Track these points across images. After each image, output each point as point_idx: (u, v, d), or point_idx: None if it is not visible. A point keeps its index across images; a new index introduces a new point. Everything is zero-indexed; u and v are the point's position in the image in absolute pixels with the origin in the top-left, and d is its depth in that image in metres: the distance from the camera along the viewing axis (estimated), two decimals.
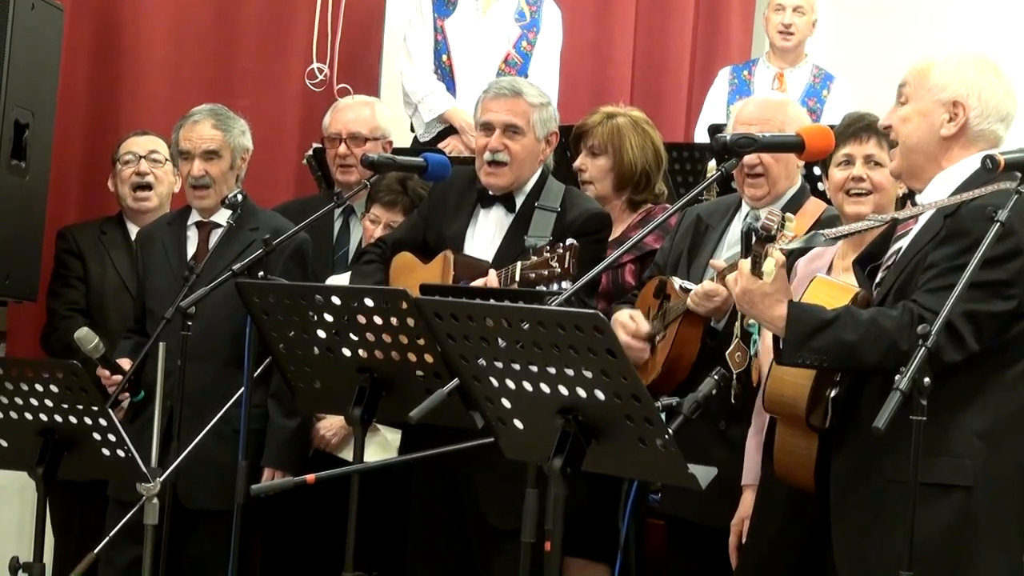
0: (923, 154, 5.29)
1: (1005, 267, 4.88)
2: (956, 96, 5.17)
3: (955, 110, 5.17)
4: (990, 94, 5.18)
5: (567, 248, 6.24)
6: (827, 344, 4.97)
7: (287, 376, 6.25)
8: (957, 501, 4.95)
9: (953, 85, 5.19)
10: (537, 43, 9.30)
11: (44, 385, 6.32)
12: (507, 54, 9.22)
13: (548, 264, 6.24)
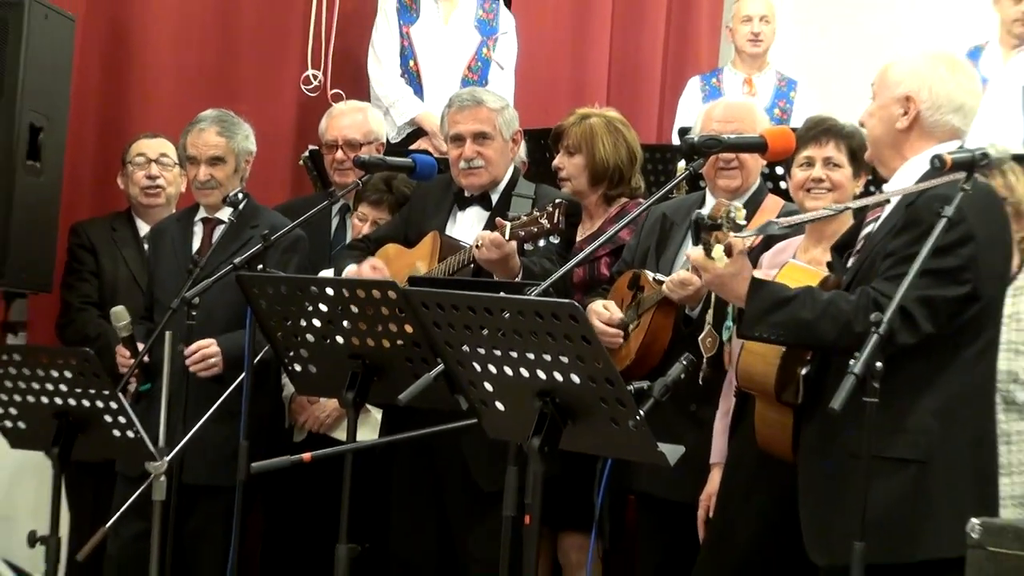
0: (885, 146, 5.38)
1: (958, 253, 4.93)
2: (908, 91, 5.25)
3: (907, 104, 5.23)
4: (941, 87, 5.23)
5: (556, 206, 6.27)
6: (785, 320, 5.05)
7: (284, 362, 6.28)
8: (912, 474, 5.00)
9: (906, 81, 5.27)
10: (496, 49, 9.35)
11: (59, 371, 6.40)
12: (470, 60, 9.25)
13: (538, 222, 6.28)
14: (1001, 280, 5.26)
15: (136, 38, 8.95)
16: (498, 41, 9.37)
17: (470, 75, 9.19)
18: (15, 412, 6.60)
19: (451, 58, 9.27)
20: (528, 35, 10.18)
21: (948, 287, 4.94)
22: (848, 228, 5.61)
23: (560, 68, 10.24)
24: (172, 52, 9.03)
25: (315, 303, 6.05)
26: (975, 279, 5.01)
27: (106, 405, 6.38)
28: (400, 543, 6.98)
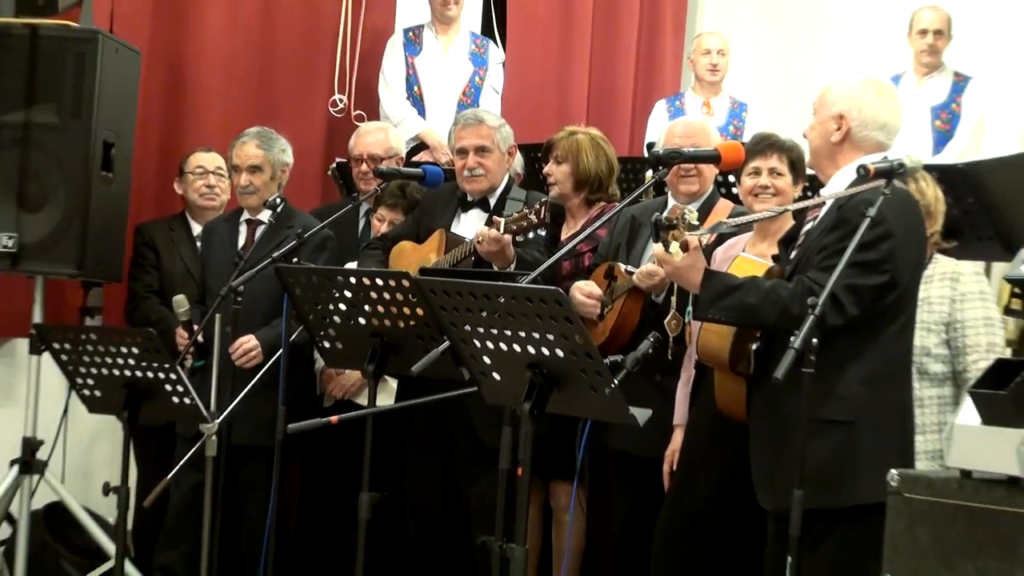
0: (822, 156, 5.46)
1: (879, 248, 5.00)
2: (841, 110, 5.33)
3: (840, 121, 5.31)
4: (869, 108, 5.32)
5: (542, 204, 6.40)
6: (733, 304, 5.14)
7: (315, 340, 6.36)
8: (842, 433, 5.08)
9: (840, 102, 5.35)
10: (486, 78, 9.37)
11: (128, 348, 6.44)
12: (465, 86, 9.25)
13: (527, 217, 6.38)
14: (916, 270, 5.34)
15: (190, 68, 8.95)
16: (490, 71, 9.39)
17: (465, 99, 9.21)
18: (92, 382, 6.65)
19: (449, 84, 9.27)
20: (521, 65, 10.20)
21: (871, 276, 5.02)
22: (791, 226, 5.67)
23: (547, 92, 10.24)
24: (220, 79, 9.03)
25: (341, 290, 6.13)
26: (894, 269, 5.09)
27: (167, 376, 6.43)
28: (414, 491, 7.02)
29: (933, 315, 5.78)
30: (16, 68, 7.52)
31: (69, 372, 6.73)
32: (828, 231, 5.15)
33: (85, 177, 7.48)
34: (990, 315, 5.86)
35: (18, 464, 7.58)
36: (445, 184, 7.27)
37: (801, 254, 5.32)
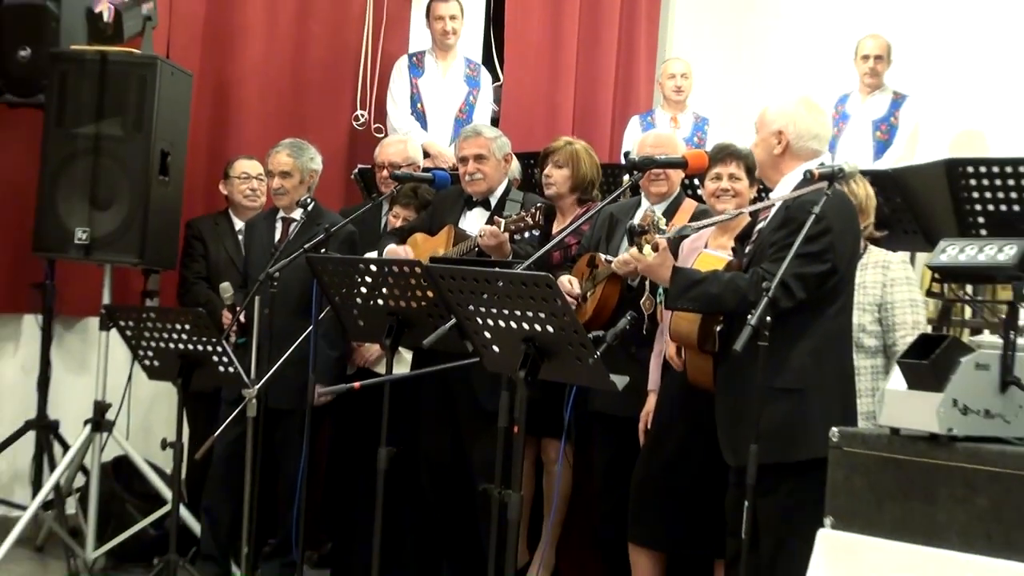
0: (767, 166, 5.49)
1: (821, 241, 5.03)
2: (779, 127, 5.35)
3: (780, 136, 5.34)
4: (802, 123, 5.35)
5: (538, 208, 6.49)
6: (698, 295, 5.18)
7: (341, 317, 6.37)
8: (793, 399, 5.10)
9: (777, 120, 5.38)
10: (478, 97, 9.34)
11: (181, 325, 6.50)
12: (461, 104, 9.23)
13: (524, 219, 6.45)
14: (852, 259, 5.37)
15: (233, 88, 8.94)
16: (482, 91, 9.37)
17: (461, 115, 9.19)
18: (151, 354, 6.68)
19: (447, 103, 9.24)
20: (516, 84, 10.18)
21: (815, 265, 5.05)
22: (746, 224, 5.68)
23: (538, 108, 10.21)
24: (259, 97, 9.02)
25: (362, 276, 6.16)
26: (834, 259, 5.12)
27: (214, 349, 6.48)
28: (426, 447, 7.00)
29: (867, 297, 5.79)
30: (89, 88, 7.53)
31: (132, 345, 6.79)
32: (777, 228, 5.18)
33: (145, 180, 7.49)
34: (915, 298, 5.87)
35: (90, 423, 7.60)
36: (453, 186, 7.28)
37: (755, 249, 5.34)
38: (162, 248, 7.67)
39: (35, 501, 7.59)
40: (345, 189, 8.97)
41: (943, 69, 9.61)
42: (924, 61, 9.54)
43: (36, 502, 7.58)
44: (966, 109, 9.55)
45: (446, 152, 8.79)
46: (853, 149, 8.99)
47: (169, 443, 6.81)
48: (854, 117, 9.18)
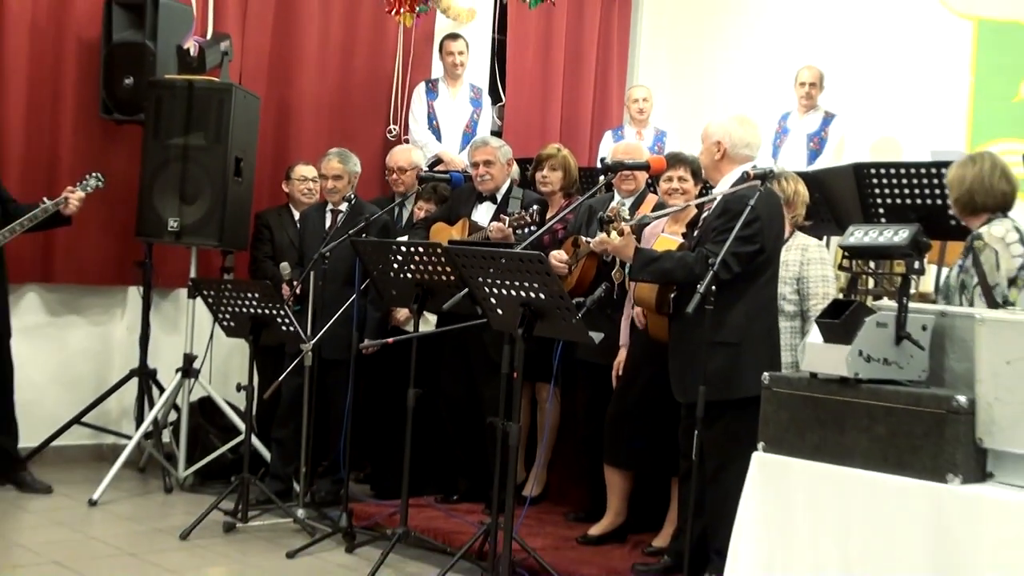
0: (711, 169, 5.53)
1: (752, 227, 5.08)
2: (718, 138, 5.39)
3: (719, 146, 5.37)
4: (737, 134, 5.40)
5: (536, 210, 6.55)
6: (654, 269, 5.26)
7: (378, 288, 6.39)
8: (731, 350, 5.15)
9: (716, 133, 5.42)
10: (481, 115, 9.28)
11: (252, 294, 6.55)
12: (467, 123, 9.19)
13: (524, 217, 6.48)
14: (777, 241, 5.40)
15: (292, 107, 8.92)
16: (484, 110, 9.33)
17: (467, 129, 9.14)
18: (228, 317, 6.72)
19: (456, 120, 9.19)
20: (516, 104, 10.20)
21: (747, 246, 5.10)
22: (694, 215, 5.68)
23: (532, 123, 10.22)
24: (312, 115, 9.00)
25: (394, 255, 6.16)
26: (762, 241, 5.17)
27: (278, 313, 6.52)
28: (446, 389, 7.02)
29: (789, 272, 5.79)
30: (179, 108, 7.56)
31: (213, 310, 6.82)
32: (718, 216, 5.21)
33: (223, 181, 7.51)
34: (826, 274, 5.88)
35: (181, 371, 7.62)
36: (466, 184, 7.26)
37: (700, 233, 5.37)
38: (236, 234, 7.70)
39: (138, 432, 7.60)
40: (380, 186, 8.92)
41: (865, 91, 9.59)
42: (850, 85, 9.52)
43: (139, 433, 7.59)
44: (883, 122, 9.53)
45: (456, 159, 8.76)
46: (791, 157, 8.97)
47: (242, 386, 6.86)
48: (793, 131, 9.15)
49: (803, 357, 4.27)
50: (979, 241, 5.14)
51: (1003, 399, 3.75)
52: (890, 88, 9.64)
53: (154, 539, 6.39)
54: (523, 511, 6.28)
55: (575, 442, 6.89)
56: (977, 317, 3.89)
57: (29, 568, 5.75)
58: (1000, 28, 9.32)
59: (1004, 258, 5.06)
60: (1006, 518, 3.67)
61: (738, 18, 10.71)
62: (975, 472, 3.81)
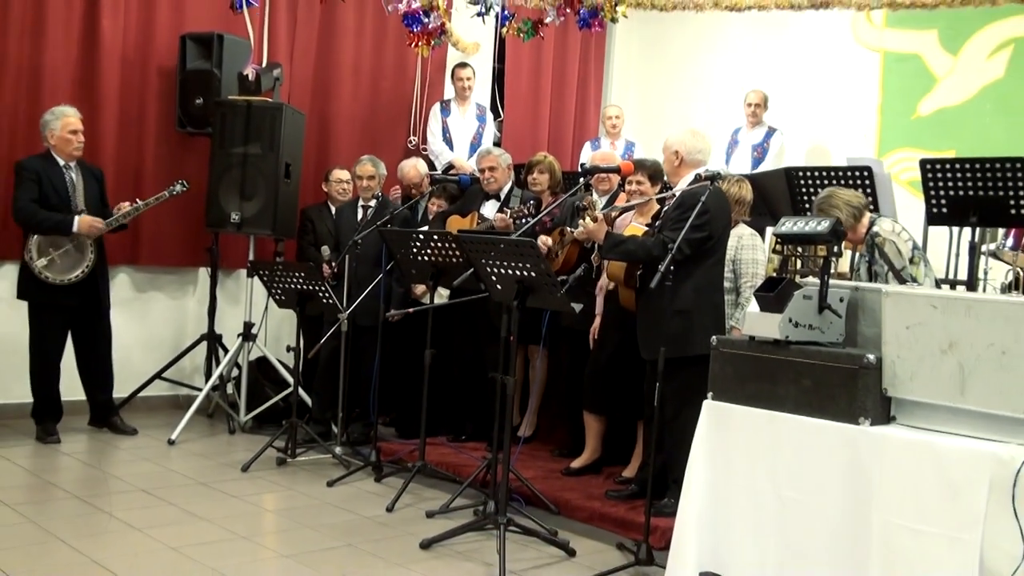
0: (671, 174, 5.50)
1: (702, 218, 5.06)
2: (676, 148, 5.39)
3: (677, 155, 5.37)
4: (690, 143, 5.39)
5: (531, 205, 6.57)
6: (621, 250, 5.27)
7: (401, 268, 6.36)
8: (685, 317, 5.13)
9: (675, 144, 5.40)
10: (485, 129, 9.23)
11: (298, 273, 6.53)
12: (473, 135, 9.15)
13: (523, 209, 6.46)
14: (724, 230, 5.39)
15: (331, 122, 8.91)
16: (488, 125, 9.28)
17: (474, 140, 9.10)
18: (280, 291, 6.71)
19: (465, 133, 9.15)
20: (513, 119, 10.16)
21: (698, 233, 5.09)
22: (656, 209, 5.67)
23: (525, 135, 10.18)
24: (346, 128, 8.99)
25: (414, 242, 6.14)
26: (711, 230, 5.17)
27: (319, 289, 6.50)
28: (456, 349, 7.02)
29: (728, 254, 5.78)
30: (239, 123, 7.56)
31: (267, 286, 6.80)
32: (675, 209, 5.20)
33: (275, 182, 7.49)
34: (756, 257, 5.84)
35: (242, 336, 7.62)
36: (476, 185, 7.23)
37: (661, 224, 5.33)
38: (286, 225, 7.66)
39: (207, 385, 7.61)
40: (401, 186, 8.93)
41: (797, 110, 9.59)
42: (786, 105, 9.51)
43: (207, 386, 7.60)
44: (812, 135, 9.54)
45: (466, 164, 8.74)
46: (739, 164, 8.94)
47: (291, 348, 6.88)
48: (741, 143, 9.12)
49: (743, 323, 4.28)
50: (879, 238, 5.18)
51: (904, 357, 3.77)
52: (816, 107, 9.65)
53: (220, 471, 6.40)
54: (518, 448, 6.31)
55: (559, 393, 6.91)
56: (883, 291, 3.90)
57: (122, 494, 5.76)
58: (901, 58, 9.33)
59: (900, 244, 5.12)
60: (904, 452, 3.69)
61: (694, 50, 10.67)
62: (881, 416, 3.83)
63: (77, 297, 6.84)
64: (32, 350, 6.91)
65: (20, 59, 7.37)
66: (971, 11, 8.04)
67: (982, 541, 3.46)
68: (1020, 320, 3.48)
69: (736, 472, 4.17)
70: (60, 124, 6.76)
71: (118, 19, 7.78)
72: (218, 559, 4.73)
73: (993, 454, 3.49)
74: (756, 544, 4.08)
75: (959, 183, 5.87)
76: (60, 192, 6.77)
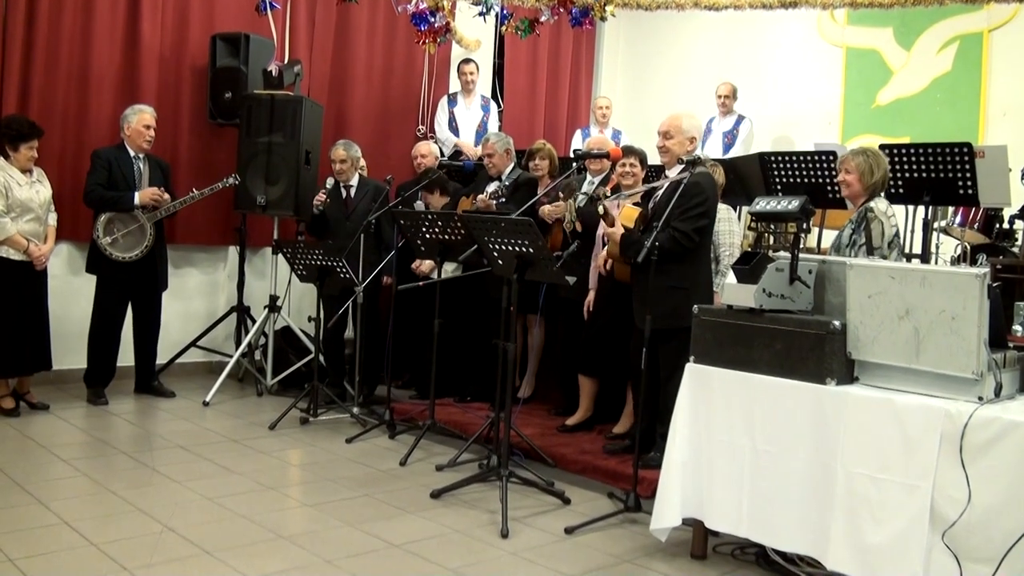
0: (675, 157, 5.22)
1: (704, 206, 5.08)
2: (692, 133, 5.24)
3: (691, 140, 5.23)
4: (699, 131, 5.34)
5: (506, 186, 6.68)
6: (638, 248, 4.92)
7: (413, 245, 6.27)
8: (681, 293, 5.05)
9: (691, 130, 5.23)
10: (489, 120, 9.20)
11: (319, 251, 6.47)
12: (479, 124, 9.11)
13: (498, 191, 6.59)
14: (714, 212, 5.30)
15: (346, 113, 8.87)
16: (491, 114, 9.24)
17: (479, 128, 9.07)
18: (301, 267, 6.68)
19: (470, 122, 9.12)
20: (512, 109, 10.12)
21: (703, 220, 5.09)
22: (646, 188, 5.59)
23: (523, 124, 10.15)
24: (361, 118, 8.95)
25: (424, 222, 6.10)
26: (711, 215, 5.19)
27: (337, 264, 6.45)
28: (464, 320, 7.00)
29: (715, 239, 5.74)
30: (264, 115, 7.51)
31: (290, 262, 6.78)
32: (680, 197, 5.00)
33: (296, 168, 7.46)
34: (732, 229, 5.77)
35: (267, 308, 7.61)
36: (483, 170, 7.19)
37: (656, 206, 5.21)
38: (306, 206, 7.57)
39: (237, 352, 7.61)
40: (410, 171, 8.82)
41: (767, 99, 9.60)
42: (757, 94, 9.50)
43: (237, 352, 7.60)
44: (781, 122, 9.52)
45: (472, 149, 8.72)
46: (711, 149, 8.95)
47: (312, 318, 6.86)
48: (714, 131, 9.12)
49: (724, 292, 4.28)
50: (871, 213, 5.00)
51: (866, 323, 3.78)
52: (784, 97, 9.64)
53: (250, 429, 6.42)
54: (518, 408, 6.32)
55: (555, 357, 6.90)
56: (848, 264, 3.91)
57: (163, 451, 5.78)
58: (862, 53, 9.34)
59: (886, 227, 5.03)
60: (866, 408, 3.71)
61: (675, 45, 10.65)
62: (846, 376, 3.84)
63: (136, 274, 6.90)
64: (94, 318, 6.97)
65: (71, 61, 7.37)
66: (922, 10, 8.09)
67: (933, 489, 3.49)
68: (968, 289, 3.49)
69: (715, 428, 4.19)
70: (136, 119, 6.90)
71: (156, 22, 7.76)
72: (249, 507, 4.76)
73: (944, 410, 3.51)
74: (733, 492, 4.11)
75: (913, 166, 5.89)
76: (128, 179, 6.87)
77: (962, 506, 3.41)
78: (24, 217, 6.31)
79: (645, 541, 4.53)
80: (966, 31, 8.69)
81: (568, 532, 4.66)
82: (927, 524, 3.48)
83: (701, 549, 4.39)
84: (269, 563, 4.06)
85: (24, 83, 7.13)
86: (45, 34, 7.20)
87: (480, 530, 4.64)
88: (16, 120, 6.40)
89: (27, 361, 6.44)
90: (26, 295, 6.37)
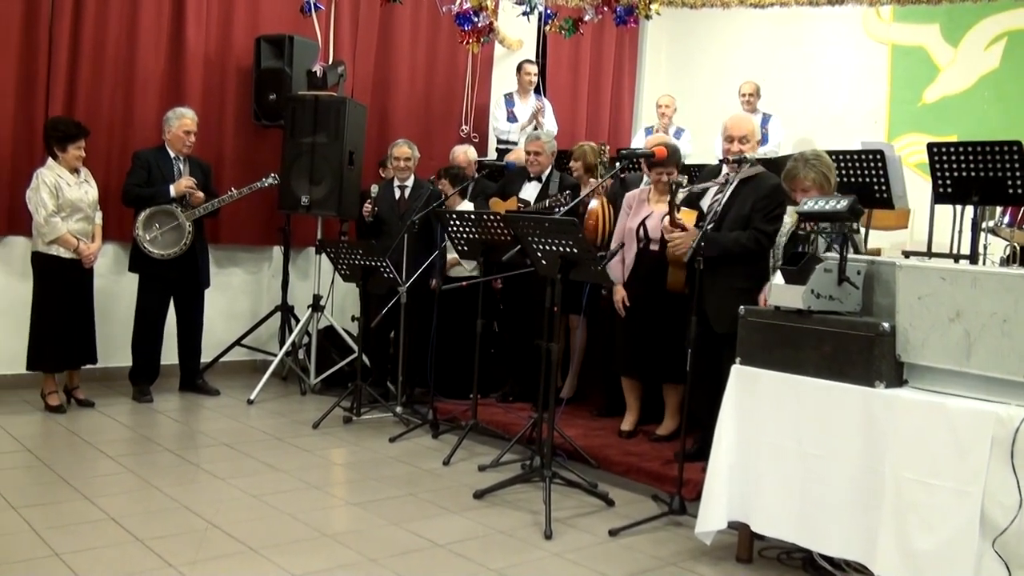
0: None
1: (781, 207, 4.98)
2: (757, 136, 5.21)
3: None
4: None
5: (568, 194, 6.53)
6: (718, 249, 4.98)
7: (454, 244, 6.24)
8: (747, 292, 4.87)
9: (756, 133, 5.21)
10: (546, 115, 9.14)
11: (360, 250, 6.49)
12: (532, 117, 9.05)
13: (560, 198, 6.45)
14: None
15: (389, 114, 8.90)
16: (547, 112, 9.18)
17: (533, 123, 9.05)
18: (344, 267, 6.70)
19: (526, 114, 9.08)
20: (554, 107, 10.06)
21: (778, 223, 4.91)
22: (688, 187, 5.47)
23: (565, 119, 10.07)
24: (404, 118, 8.97)
25: (468, 221, 6.07)
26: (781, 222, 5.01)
27: (381, 264, 6.45)
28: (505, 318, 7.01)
29: None
30: (308, 116, 7.53)
31: (334, 262, 6.80)
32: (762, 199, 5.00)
33: (340, 168, 7.46)
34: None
35: (311, 307, 7.63)
36: (519, 168, 7.18)
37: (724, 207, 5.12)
38: (350, 207, 7.61)
39: (281, 351, 7.65)
40: None
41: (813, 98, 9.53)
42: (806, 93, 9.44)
43: (282, 351, 7.64)
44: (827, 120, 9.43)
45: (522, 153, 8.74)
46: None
47: (355, 318, 6.88)
48: None
49: (771, 294, 4.23)
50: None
51: (916, 325, 3.72)
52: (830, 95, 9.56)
53: (293, 428, 6.45)
54: (560, 408, 6.30)
55: (598, 358, 6.86)
56: (897, 265, 3.85)
57: (208, 448, 5.82)
58: (908, 51, 9.23)
59: None
60: (916, 412, 3.65)
61: (719, 43, 10.59)
62: (895, 379, 3.78)
63: (177, 271, 6.96)
64: (137, 316, 7.05)
65: (116, 63, 7.45)
66: (969, 6, 7.99)
67: (983, 494, 3.43)
68: (1019, 291, 3.43)
69: (762, 430, 4.13)
70: (177, 124, 7.00)
71: (200, 25, 7.83)
72: (293, 505, 4.77)
73: (994, 414, 3.45)
74: (779, 495, 4.06)
75: (962, 165, 5.79)
76: (168, 179, 6.95)
77: (1013, 512, 3.35)
78: (74, 216, 6.39)
79: (690, 544, 4.49)
80: (1014, 27, 8.57)
81: (612, 534, 4.63)
82: (977, 530, 3.42)
83: (746, 553, 4.34)
84: (313, 561, 4.07)
85: (70, 86, 7.22)
86: (91, 37, 7.29)
87: (524, 531, 4.62)
88: (63, 121, 6.48)
89: (74, 356, 6.56)
90: (75, 292, 6.47)
